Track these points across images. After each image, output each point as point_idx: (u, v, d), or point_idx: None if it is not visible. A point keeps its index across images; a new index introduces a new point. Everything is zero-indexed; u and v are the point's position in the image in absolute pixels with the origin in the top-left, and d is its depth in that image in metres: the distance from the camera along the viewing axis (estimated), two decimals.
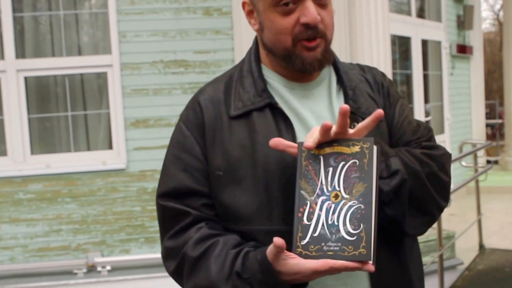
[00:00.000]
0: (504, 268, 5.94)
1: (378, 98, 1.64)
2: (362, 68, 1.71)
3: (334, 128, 1.30)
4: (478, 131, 10.32)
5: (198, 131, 1.53)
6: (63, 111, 5.65)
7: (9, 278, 5.37)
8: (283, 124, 1.48)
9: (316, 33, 1.47)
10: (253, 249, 1.38)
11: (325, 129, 1.28)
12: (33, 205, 5.41)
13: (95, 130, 5.73)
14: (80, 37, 5.70)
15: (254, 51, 1.63)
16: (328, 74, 1.62)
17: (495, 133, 16.65)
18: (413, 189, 1.43)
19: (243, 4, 1.59)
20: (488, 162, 10.11)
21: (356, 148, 1.29)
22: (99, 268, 5.41)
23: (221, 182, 1.48)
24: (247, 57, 1.64)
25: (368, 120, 1.32)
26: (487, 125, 14.71)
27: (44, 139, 5.71)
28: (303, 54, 1.48)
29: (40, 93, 5.67)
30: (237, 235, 1.46)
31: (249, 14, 1.58)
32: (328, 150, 1.31)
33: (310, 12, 1.44)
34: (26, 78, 5.49)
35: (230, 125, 1.50)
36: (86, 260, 5.41)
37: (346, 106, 1.26)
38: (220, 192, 1.49)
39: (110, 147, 5.59)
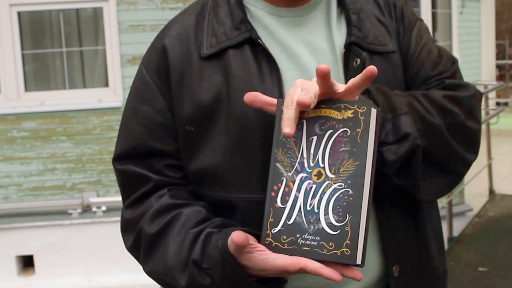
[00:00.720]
0: None
1: (389, 22, 1.33)
2: None
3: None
4: (487, 72, 10.09)
5: (161, 77, 1.24)
6: (58, 47, 5.49)
7: (3, 217, 5.34)
8: (266, 65, 1.19)
9: None
10: (217, 230, 1.13)
11: (323, 75, 0.98)
12: (27, 143, 5.31)
13: (90, 67, 5.58)
14: None
15: None
16: None
17: (504, 74, 16.31)
18: (432, 147, 1.17)
19: None
20: (498, 104, 9.90)
21: (349, 113, 1.01)
22: (94, 209, 5.36)
23: (191, 139, 1.22)
24: None
25: (358, 78, 1.02)
26: (497, 66, 14.42)
27: (38, 75, 5.58)
28: None
29: (34, 28, 5.51)
30: (207, 205, 1.23)
31: None
32: (312, 113, 1.03)
33: None
34: (19, 13, 5.31)
35: (201, 67, 1.21)
36: (81, 200, 5.36)
37: (324, 67, 0.97)
38: (190, 151, 1.24)
39: (106, 84, 5.45)
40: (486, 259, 4.62)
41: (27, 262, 5.48)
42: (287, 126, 0.99)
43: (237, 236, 0.98)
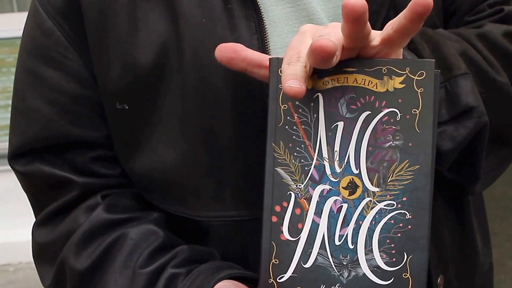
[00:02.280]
0: None
1: None
2: None
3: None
4: None
5: (71, 22, 0.85)
6: None
7: None
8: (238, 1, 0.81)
9: None
10: (184, 271, 0.79)
11: (355, 14, 0.59)
12: None
13: None
14: None
15: None
16: None
17: None
18: (497, 117, 0.83)
19: None
20: None
21: (396, 83, 0.67)
22: None
23: (126, 124, 0.86)
24: None
25: (403, 18, 0.62)
26: None
27: None
28: None
29: None
30: (163, 218, 0.88)
31: None
32: (333, 81, 0.69)
33: None
34: None
35: (133, 4, 0.82)
36: None
37: (360, 2, 0.59)
38: (126, 142, 0.88)
39: None
40: None
41: None
42: (292, 80, 0.62)
43: None
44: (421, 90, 0.68)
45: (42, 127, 0.89)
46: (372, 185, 0.69)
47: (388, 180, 0.69)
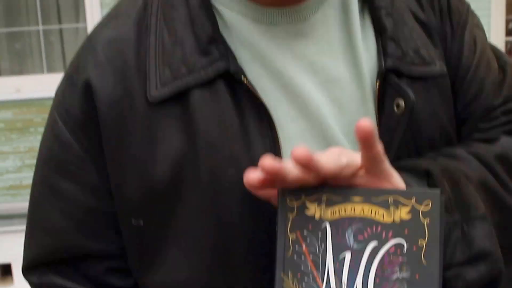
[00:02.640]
0: None
1: (430, 19, 0.89)
2: None
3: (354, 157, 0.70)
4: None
5: (88, 134, 0.83)
6: (34, 24, 4.94)
7: None
8: (254, 115, 0.79)
9: None
10: None
11: (365, 137, 0.64)
12: (2, 136, 4.78)
13: (70, 47, 4.98)
14: None
15: None
16: None
17: None
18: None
19: None
20: None
21: (403, 213, 0.67)
22: None
23: (139, 239, 0.84)
24: None
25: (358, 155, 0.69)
26: (507, 43, 14.02)
27: (12, 58, 5.04)
28: None
29: (6, 3, 4.94)
30: None
31: None
32: (342, 211, 0.69)
33: None
34: None
35: (150, 118, 0.80)
36: None
37: (366, 125, 0.63)
38: (140, 260, 0.85)
39: None
40: None
41: (5, 271, 5.00)
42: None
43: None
44: (427, 220, 0.67)
45: (57, 239, 0.87)
46: None
47: None
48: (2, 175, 4.82)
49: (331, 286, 0.68)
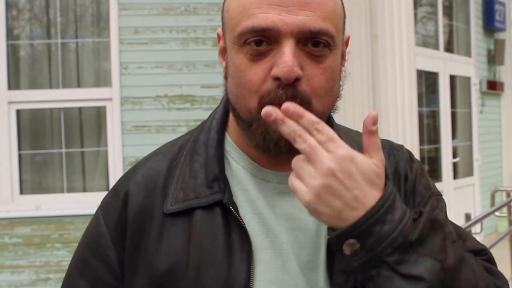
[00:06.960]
0: None
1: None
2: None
3: None
4: (510, 174, 9.70)
5: (118, 231, 1.10)
6: (57, 147, 5.21)
7: None
8: (238, 236, 1.04)
9: (291, 95, 0.96)
10: None
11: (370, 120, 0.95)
12: (19, 251, 4.93)
13: (91, 169, 5.27)
14: (78, 68, 5.25)
15: (221, 113, 1.16)
16: None
17: None
18: None
19: (218, 36, 1.13)
20: None
21: None
22: None
23: None
24: (209, 121, 1.17)
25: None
26: None
27: (35, 178, 5.25)
28: (267, 123, 0.97)
29: (33, 127, 5.25)
30: None
31: (222, 53, 1.11)
32: None
33: (284, 60, 0.94)
34: (18, 111, 5.07)
35: (163, 225, 1.08)
36: None
37: (372, 115, 0.96)
38: None
39: (107, 188, 5.11)
40: None
41: None
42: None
43: None
44: None
45: None
46: None
47: None
48: None
49: None
